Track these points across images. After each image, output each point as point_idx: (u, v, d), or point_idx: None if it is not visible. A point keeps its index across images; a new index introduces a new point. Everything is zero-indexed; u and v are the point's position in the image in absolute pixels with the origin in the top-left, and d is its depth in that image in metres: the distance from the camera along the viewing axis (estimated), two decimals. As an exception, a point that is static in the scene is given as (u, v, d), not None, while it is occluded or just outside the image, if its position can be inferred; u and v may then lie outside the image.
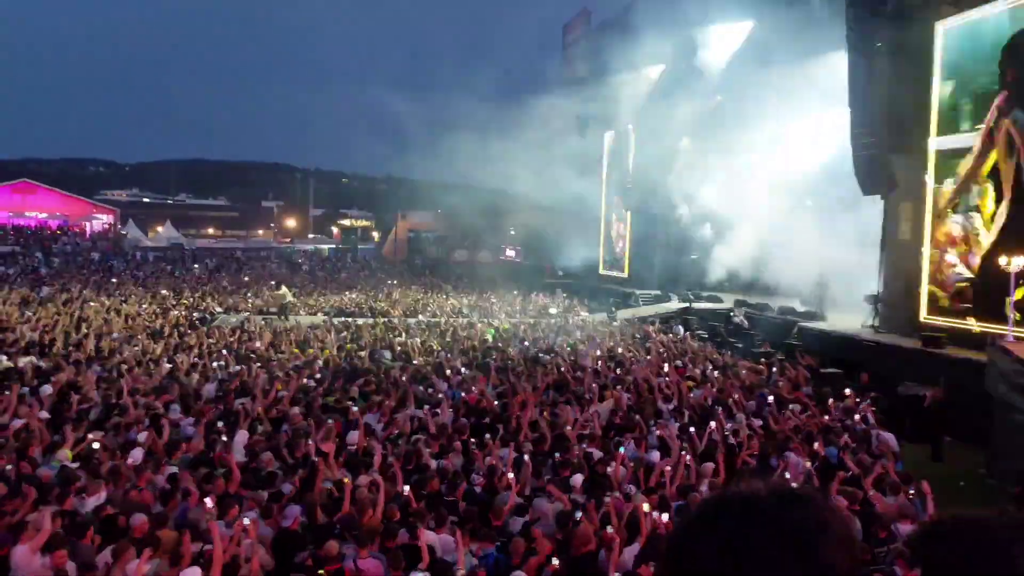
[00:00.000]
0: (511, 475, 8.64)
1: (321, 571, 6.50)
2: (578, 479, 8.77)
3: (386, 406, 12.11)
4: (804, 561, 1.07)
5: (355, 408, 11.80)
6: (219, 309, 27.85)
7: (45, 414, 10.68)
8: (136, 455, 9.28)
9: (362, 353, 17.76)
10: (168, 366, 15.13)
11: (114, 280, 35.71)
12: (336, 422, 10.96)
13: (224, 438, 10.05)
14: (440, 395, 13.26)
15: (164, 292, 31.58)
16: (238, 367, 15.44)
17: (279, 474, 8.85)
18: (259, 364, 15.91)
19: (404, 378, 14.52)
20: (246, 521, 6.85)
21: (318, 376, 14.79)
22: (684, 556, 1.12)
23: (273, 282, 35.01)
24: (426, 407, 12.20)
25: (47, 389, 12.29)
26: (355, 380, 14.32)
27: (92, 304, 25.79)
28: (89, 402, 11.80)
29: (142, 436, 9.91)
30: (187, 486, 8.07)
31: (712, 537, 1.11)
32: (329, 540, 6.88)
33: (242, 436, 10.39)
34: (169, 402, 11.99)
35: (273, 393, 12.71)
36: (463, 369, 15.70)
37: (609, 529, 7.16)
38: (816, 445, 10.53)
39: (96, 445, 9.27)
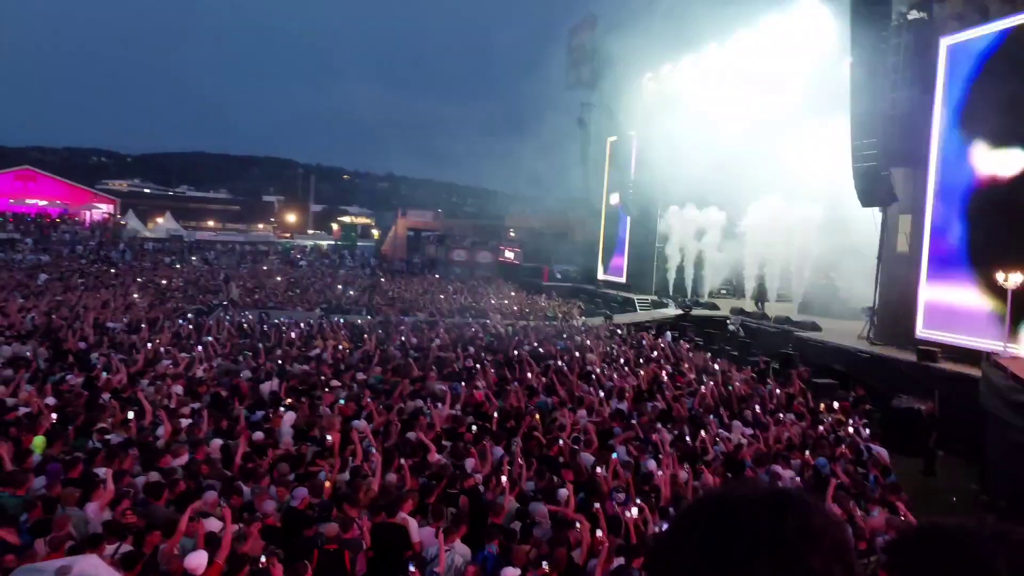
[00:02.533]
0: (504, 477, 8.62)
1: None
2: (563, 492, 8.66)
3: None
4: (788, 571, 0.99)
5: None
6: (215, 302, 27.85)
7: (52, 399, 10.92)
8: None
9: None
10: (184, 356, 15.24)
11: (112, 270, 35.68)
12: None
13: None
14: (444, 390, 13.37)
15: (163, 282, 31.58)
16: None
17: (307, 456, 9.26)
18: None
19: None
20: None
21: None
22: (664, 563, 1.07)
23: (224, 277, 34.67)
24: (429, 401, 12.49)
25: (74, 379, 12.51)
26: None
27: (87, 293, 25.78)
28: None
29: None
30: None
31: (691, 545, 1.04)
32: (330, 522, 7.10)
33: (290, 417, 10.93)
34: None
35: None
36: (477, 366, 15.85)
37: (599, 533, 7.15)
38: (807, 455, 10.53)
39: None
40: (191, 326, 20.06)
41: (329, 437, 9.88)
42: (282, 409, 11.34)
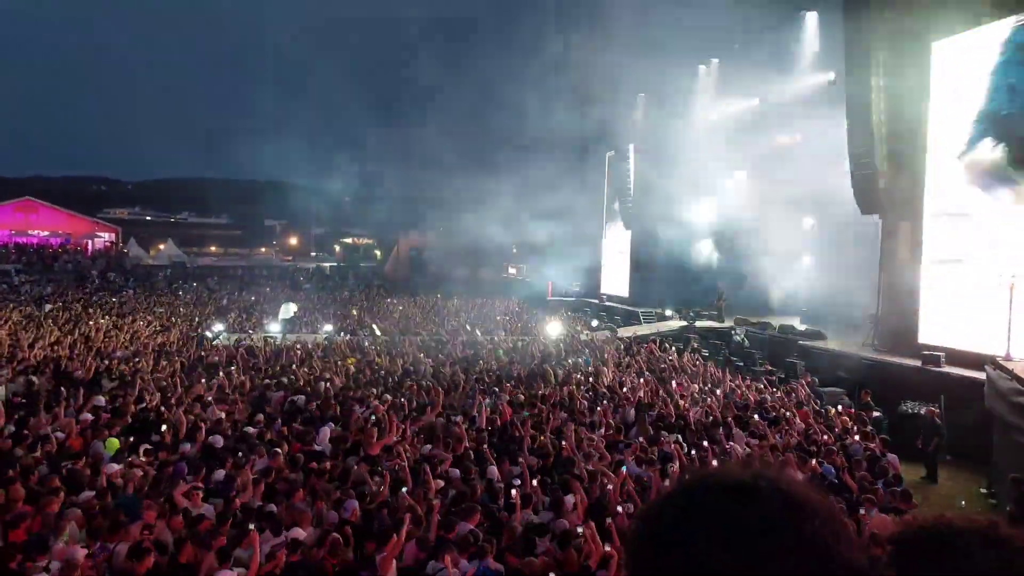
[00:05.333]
0: (515, 492, 8.70)
1: None
2: (570, 499, 8.78)
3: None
4: (747, 568, 0.92)
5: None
6: (220, 327, 27.91)
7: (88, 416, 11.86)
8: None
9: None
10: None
11: (114, 299, 35.79)
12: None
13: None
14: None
15: (161, 310, 31.68)
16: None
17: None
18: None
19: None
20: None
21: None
22: (633, 548, 1.03)
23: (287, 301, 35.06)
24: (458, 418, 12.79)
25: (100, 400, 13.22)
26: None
27: (91, 323, 25.87)
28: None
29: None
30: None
31: (657, 532, 1.00)
32: None
33: (326, 431, 11.62)
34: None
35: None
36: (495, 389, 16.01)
37: (607, 547, 7.20)
38: (813, 463, 10.57)
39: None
40: (203, 352, 20.32)
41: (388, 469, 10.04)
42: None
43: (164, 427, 11.35)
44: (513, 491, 8.68)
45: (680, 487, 1.06)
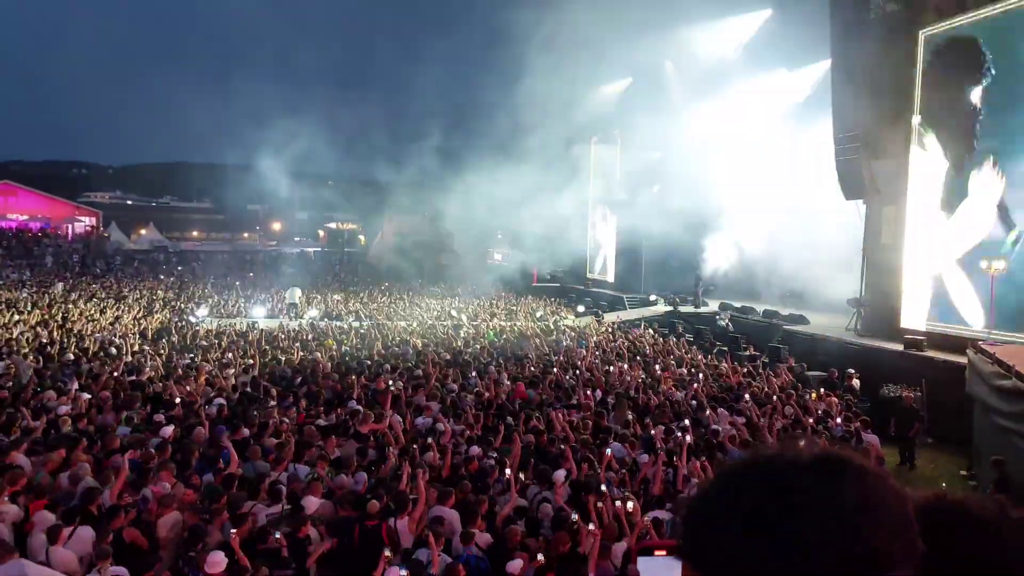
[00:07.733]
0: (508, 472, 8.74)
1: None
2: (560, 474, 8.85)
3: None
4: (843, 546, 0.87)
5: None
6: (204, 311, 27.73)
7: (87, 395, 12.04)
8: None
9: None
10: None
11: (95, 285, 35.44)
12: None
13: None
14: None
15: (143, 293, 31.43)
16: None
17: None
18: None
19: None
20: None
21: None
22: (704, 530, 0.96)
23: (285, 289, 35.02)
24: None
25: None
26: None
27: (70, 306, 25.62)
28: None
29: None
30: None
31: (736, 512, 0.92)
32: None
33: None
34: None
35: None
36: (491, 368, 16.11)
37: (590, 526, 7.24)
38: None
39: None
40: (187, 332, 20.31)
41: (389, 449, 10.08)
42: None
43: (168, 402, 11.66)
44: (507, 472, 8.71)
45: (756, 459, 0.98)
